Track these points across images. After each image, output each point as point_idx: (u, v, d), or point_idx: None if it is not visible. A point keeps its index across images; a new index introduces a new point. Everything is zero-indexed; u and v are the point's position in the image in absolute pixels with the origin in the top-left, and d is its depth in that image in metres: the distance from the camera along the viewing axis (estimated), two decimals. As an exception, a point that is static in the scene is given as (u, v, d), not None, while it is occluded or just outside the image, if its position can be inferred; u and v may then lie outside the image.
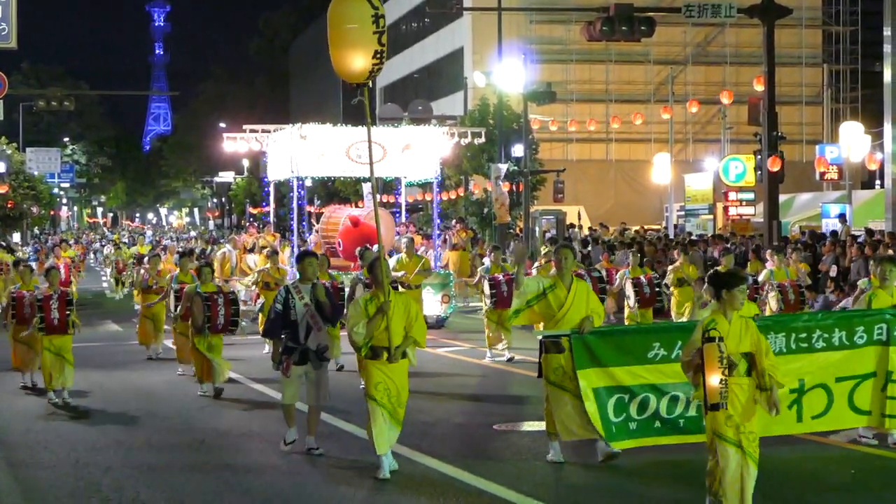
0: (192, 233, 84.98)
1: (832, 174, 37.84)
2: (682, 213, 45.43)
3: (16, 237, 71.17)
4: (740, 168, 39.53)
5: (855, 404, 10.82)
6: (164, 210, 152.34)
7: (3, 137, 68.29)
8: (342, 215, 25.70)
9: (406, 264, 19.92)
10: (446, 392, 15.48)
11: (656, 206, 51.42)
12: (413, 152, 24.77)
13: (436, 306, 23.72)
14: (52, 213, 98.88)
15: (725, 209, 40.31)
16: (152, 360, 19.71)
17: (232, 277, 24.69)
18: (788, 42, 52.04)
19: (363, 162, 23.97)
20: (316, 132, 24.40)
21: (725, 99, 42.83)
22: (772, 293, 18.08)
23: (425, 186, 37.18)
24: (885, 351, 10.86)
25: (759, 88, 30.98)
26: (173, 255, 25.88)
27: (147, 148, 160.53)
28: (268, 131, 26.10)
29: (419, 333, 10.58)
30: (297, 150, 24.09)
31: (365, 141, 23.82)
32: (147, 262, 21.26)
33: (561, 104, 49.48)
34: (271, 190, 29.40)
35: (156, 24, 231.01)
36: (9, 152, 67.03)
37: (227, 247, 28.49)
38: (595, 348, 10.50)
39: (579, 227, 42.96)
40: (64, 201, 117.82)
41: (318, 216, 33.41)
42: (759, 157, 27.29)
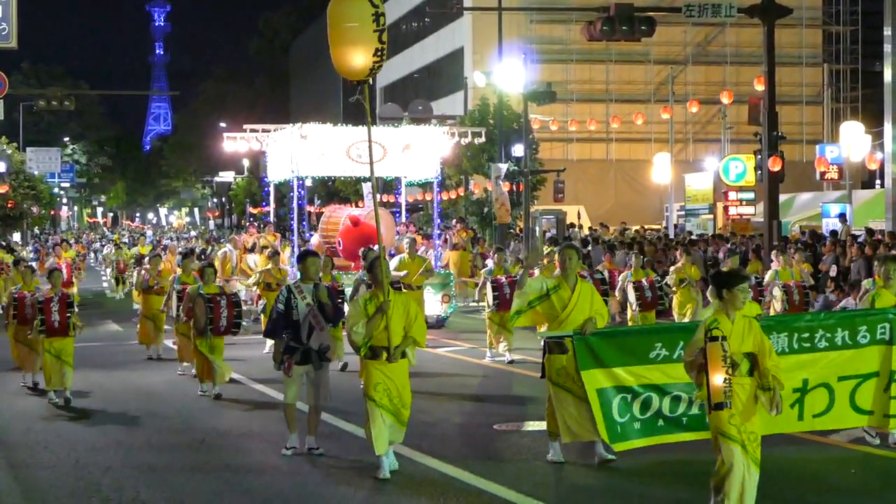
0: (193, 232, 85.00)
1: (832, 174, 37.84)
2: (683, 213, 45.44)
3: (16, 237, 71.23)
4: (740, 168, 39.54)
5: (857, 404, 10.80)
6: (164, 210, 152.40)
7: (4, 137, 68.34)
8: (342, 215, 25.68)
9: (408, 265, 19.94)
10: (446, 392, 15.47)
11: (656, 206, 51.43)
12: (413, 152, 24.76)
13: (436, 306, 23.71)
14: (53, 213, 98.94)
15: (726, 209, 40.32)
16: (152, 360, 19.71)
17: (232, 277, 24.69)
18: (789, 42, 52.06)
19: (363, 162, 23.95)
20: (316, 132, 24.38)
21: (725, 99, 42.83)
22: (777, 293, 18.06)
23: (425, 186, 37.17)
24: (889, 350, 10.83)
25: (760, 88, 30.98)
26: (175, 256, 25.85)
27: (147, 148, 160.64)
28: (268, 131, 26.08)
29: (419, 333, 10.57)
30: (298, 150, 24.07)
31: (365, 141, 23.82)
32: (148, 263, 21.23)
33: (561, 104, 49.49)
34: (271, 190, 29.38)
35: (156, 24, 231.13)
36: (9, 152, 67.06)
37: (228, 246, 28.49)
38: (597, 349, 10.48)
39: (579, 227, 42.96)
40: (64, 201, 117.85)
41: (319, 216, 33.43)
42: (760, 157, 27.28)
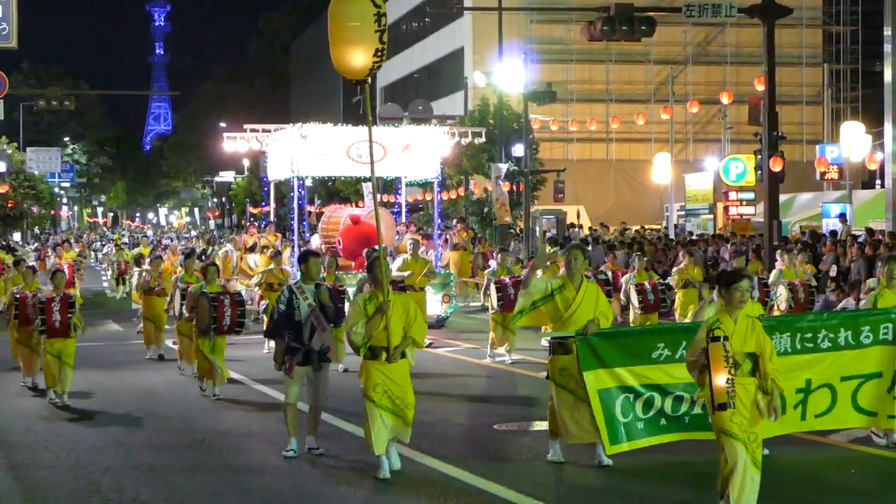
0: (193, 232, 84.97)
1: (832, 174, 37.84)
2: (683, 213, 45.44)
3: (16, 237, 71.24)
4: (741, 168, 39.54)
5: (858, 404, 10.78)
6: (165, 210, 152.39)
7: (4, 137, 68.37)
8: (342, 215, 25.68)
9: (412, 266, 19.98)
10: (447, 392, 15.47)
11: (656, 206, 51.44)
12: (413, 152, 24.75)
13: (436, 306, 23.71)
14: (53, 213, 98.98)
15: (726, 209, 40.32)
16: (152, 361, 19.68)
17: (232, 277, 24.70)
18: (789, 42, 52.07)
19: (363, 161, 23.96)
20: (316, 132, 24.37)
21: (725, 99, 42.83)
22: (782, 291, 18.04)
23: (426, 186, 37.19)
24: (892, 351, 10.81)
25: (760, 88, 30.95)
26: (177, 256, 25.81)
27: (147, 148, 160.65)
28: (268, 131, 26.07)
29: (418, 333, 10.56)
30: (298, 150, 24.07)
31: (365, 140, 23.83)
32: (149, 264, 21.21)
33: (561, 104, 49.49)
34: (271, 190, 29.38)
35: (156, 24, 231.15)
36: (9, 152, 67.08)
37: (228, 246, 28.48)
38: (600, 349, 10.45)
39: (579, 227, 42.96)
40: (64, 201, 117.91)
41: (319, 216, 33.41)
42: (760, 157, 27.27)
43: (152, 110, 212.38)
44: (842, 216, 32.87)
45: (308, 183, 29.22)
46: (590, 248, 31.45)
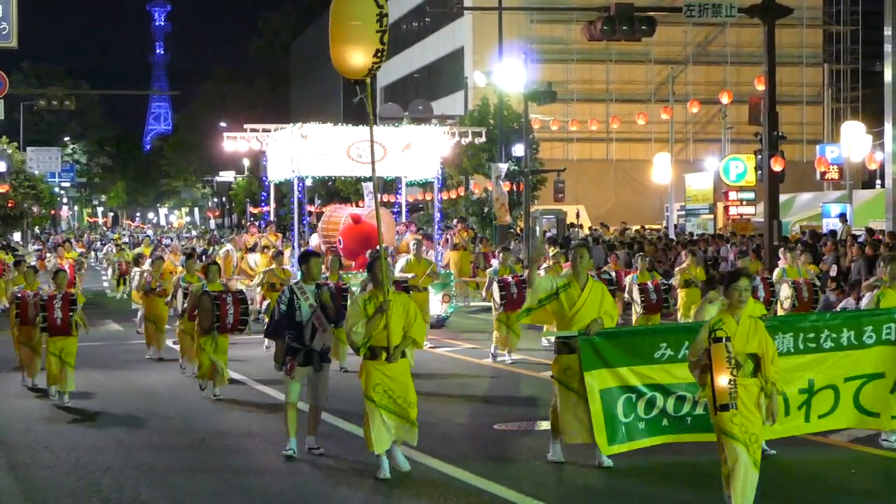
0: (193, 232, 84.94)
1: (833, 174, 37.82)
2: (683, 213, 45.46)
3: (16, 236, 71.22)
4: (741, 168, 39.55)
5: (861, 404, 10.77)
6: (165, 210, 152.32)
7: (4, 137, 68.33)
8: (343, 215, 25.67)
9: (415, 266, 20.00)
10: (447, 392, 15.46)
11: (657, 206, 51.46)
12: (414, 152, 24.75)
13: (436, 306, 23.69)
14: (53, 213, 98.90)
15: (726, 209, 40.34)
16: (153, 361, 19.66)
17: (233, 277, 24.69)
18: (789, 42, 52.07)
19: (364, 161, 23.96)
20: (316, 132, 24.37)
21: (726, 98, 42.83)
22: (786, 289, 18.00)
23: (426, 186, 37.17)
24: (894, 351, 10.82)
25: (760, 88, 30.95)
26: (178, 256, 25.78)
27: (147, 147, 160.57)
28: (268, 131, 26.07)
29: (418, 334, 10.54)
30: (298, 150, 24.07)
31: (365, 140, 23.83)
32: (150, 265, 21.20)
33: (561, 104, 49.49)
34: (271, 190, 29.37)
35: (156, 24, 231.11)
36: (9, 151, 67.03)
37: (228, 246, 28.47)
38: (602, 349, 10.45)
39: (579, 227, 42.97)
40: (64, 201, 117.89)
41: (319, 216, 33.39)
42: (760, 157, 27.26)
43: (152, 110, 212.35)
44: (842, 216, 32.86)
45: (308, 183, 29.22)
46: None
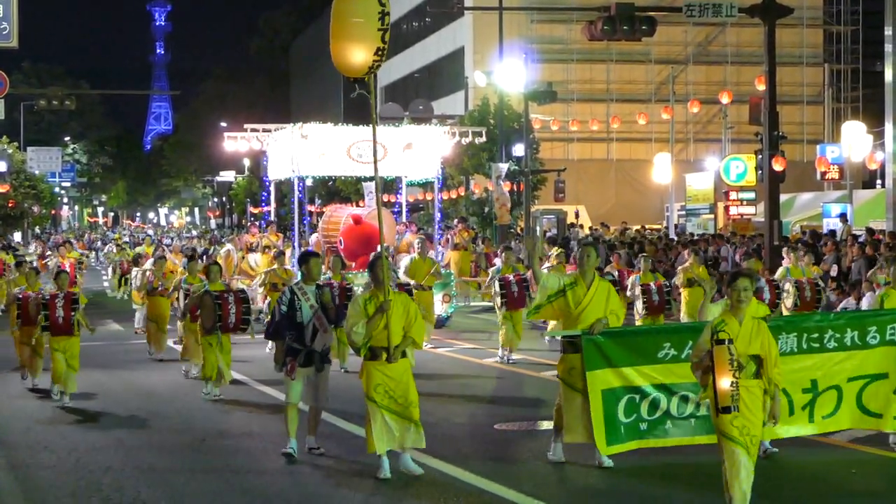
0: (194, 232, 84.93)
1: (833, 174, 37.82)
2: (683, 213, 45.45)
3: (17, 236, 71.21)
4: (741, 168, 39.56)
5: (864, 405, 10.74)
6: (165, 209, 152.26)
7: (4, 137, 68.35)
8: (343, 214, 25.68)
9: (419, 264, 20.03)
10: (447, 392, 15.46)
11: (657, 206, 51.45)
12: (414, 152, 24.76)
13: (437, 306, 23.66)
14: (53, 213, 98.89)
15: (726, 209, 40.33)
16: (153, 361, 19.64)
17: (233, 276, 24.69)
18: (789, 41, 52.05)
19: (364, 161, 23.97)
20: (317, 131, 24.38)
21: (726, 98, 42.83)
22: (788, 289, 17.98)
23: (426, 186, 37.15)
24: None
25: (761, 88, 30.96)
26: (181, 258, 25.73)
27: (148, 147, 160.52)
28: (268, 130, 26.07)
29: (418, 334, 10.53)
30: (298, 150, 24.07)
31: (365, 140, 23.85)
32: (153, 265, 21.19)
33: (562, 104, 49.50)
34: (272, 189, 29.36)
35: (157, 24, 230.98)
36: (10, 151, 67.06)
37: (229, 246, 28.45)
38: (605, 349, 10.43)
39: (579, 227, 42.96)
40: (65, 201, 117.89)
41: (319, 216, 33.40)
42: (761, 157, 27.26)
43: (153, 110, 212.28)
44: (842, 216, 32.85)
45: (308, 182, 29.19)
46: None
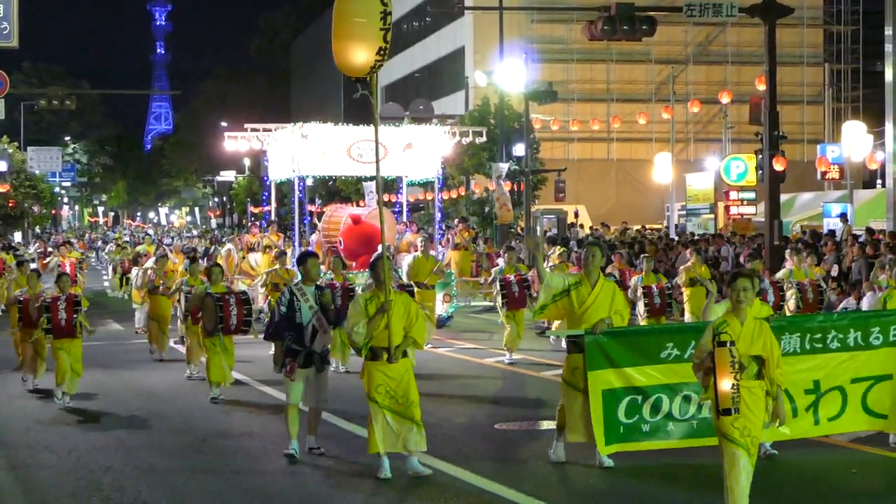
0: (194, 231, 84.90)
1: (833, 174, 37.81)
2: (684, 213, 45.43)
3: (17, 236, 71.18)
4: (742, 167, 39.55)
5: (868, 406, 10.73)
6: (165, 209, 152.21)
7: (5, 136, 68.33)
8: (343, 214, 25.67)
9: (422, 263, 20.04)
10: (448, 392, 15.45)
11: (657, 206, 51.43)
12: (414, 151, 24.75)
13: (437, 306, 23.67)
14: (54, 213, 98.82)
15: (727, 208, 40.32)
16: (153, 361, 19.64)
17: (234, 276, 24.68)
18: (790, 41, 52.04)
19: (364, 161, 23.98)
20: (317, 131, 24.37)
21: (726, 98, 42.81)
22: (790, 292, 17.94)
23: (427, 186, 37.13)
24: None
25: (761, 88, 30.96)
26: (182, 258, 25.73)
27: (148, 147, 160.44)
28: (269, 130, 26.06)
29: (419, 334, 10.51)
30: (299, 150, 24.07)
31: (365, 140, 23.86)
32: (155, 263, 21.19)
33: (562, 103, 49.50)
34: (272, 189, 29.35)
35: (157, 24, 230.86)
36: (10, 151, 67.03)
37: (229, 245, 28.44)
38: (608, 349, 10.42)
39: (580, 227, 42.96)
40: (65, 200, 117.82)
41: (320, 215, 33.38)
42: (761, 157, 27.25)
43: (153, 109, 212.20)
44: (843, 216, 32.84)
45: (309, 182, 29.17)
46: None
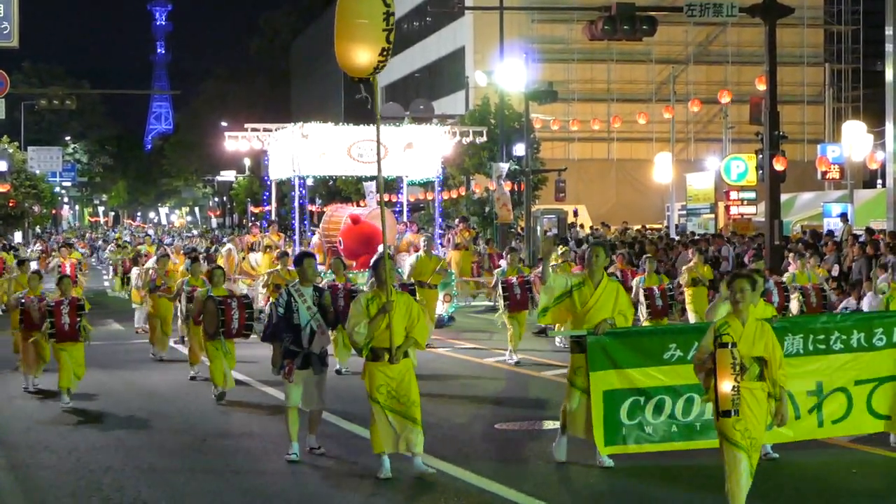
0: (195, 231, 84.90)
1: (834, 173, 37.79)
2: (684, 213, 45.44)
3: (17, 236, 71.19)
4: (742, 167, 39.54)
5: (873, 408, 10.71)
6: (166, 209, 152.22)
7: (5, 136, 68.35)
8: (343, 214, 25.68)
9: (426, 262, 20.06)
10: (448, 392, 15.45)
11: (658, 206, 51.43)
12: (415, 151, 24.78)
13: (438, 306, 23.66)
14: (54, 212, 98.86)
15: (727, 208, 40.31)
16: (154, 361, 19.63)
17: (234, 276, 24.67)
18: (790, 41, 52.03)
19: (364, 161, 24.01)
20: (317, 131, 24.40)
21: (727, 98, 42.80)
22: (794, 296, 17.87)
23: (427, 185, 37.14)
24: None
25: (761, 87, 30.95)
26: (182, 259, 25.74)
27: (148, 147, 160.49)
28: (269, 130, 26.10)
29: (420, 334, 10.50)
30: (299, 149, 24.09)
31: (366, 140, 23.89)
32: (156, 263, 21.17)
33: (562, 103, 49.48)
34: (272, 189, 29.37)
35: (157, 23, 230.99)
36: (10, 151, 67.07)
37: (230, 245, 28.44)
38: (611, 349, 10.41)
39: (580, 227, 42.95)
40: (65, 200, 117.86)
41: (320, 215, 33.41)
42: (761, 157, 27.25)
43: (153, 109, 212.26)
44: (843, 216, 32.83)
45: (309, 182, 29.18)
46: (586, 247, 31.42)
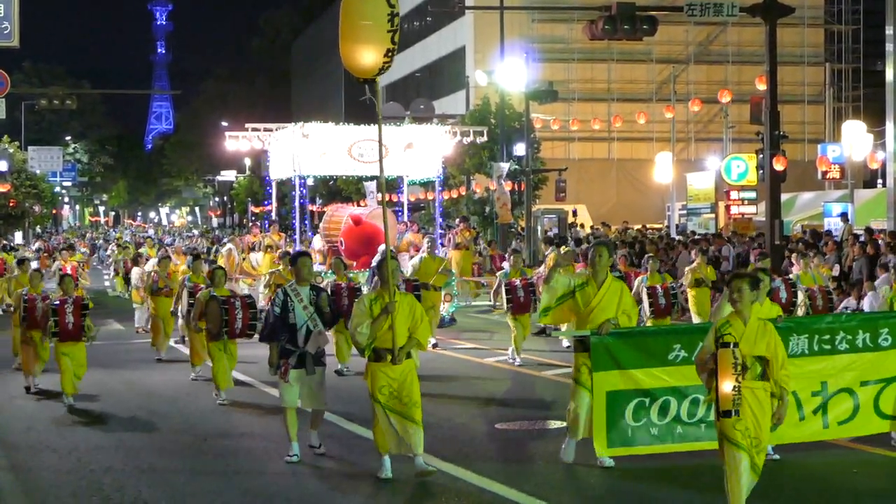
0: (195, 231, 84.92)
1: (834, 173, 37.78)
2: (684, 213, 45.42)
3: (18, 236, 71.19)
4: (742, 167, 39.52)
5: (881, 409, 10.70)
6: (166, 209, 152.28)
7: (6, 136, 68.33)
8: (344, 214, 25.69)
9: (428, 263, 20.08)
10: (449, 392, 15.45)
11: (658, 206, 51.42)
12: (415, 151, 24.78)
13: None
14: (54, 212, 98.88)
15: (727, 208, 40.29)
16: (154, 361, 19.63)
17: (235, 275, 24.68)
18: (791, 41, 52.04)
19: (365, 161, 24.00)
20: (318, 131, 24.39)
21: (727, 98, 42.80)
22: (799, 297, 17.78)
23: (427, 185, 37.13)
24: None
25: (761, 87, 30.96)
26: (185, 259, 25.72)
27: (149, 147, 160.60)
28: (270, 130, 26.09)
29: (423, 335, 10.50)
30: (299, 149, 24.09)
31: (366, 140, 23.89)
32: (157, 264, 21.17)
33: (563, 103, 49.50)
34: (273, 189, 29.37)
35: (158, 23, 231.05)
36: (11, 151, 67.03)
37: (230, 245, 28.45)
38: (614, 350, 10.38)
39: (580, 226, 42.94)
40: (66, 200, 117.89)
41: (321, 215, 33.41)
42: (762, 156, 27.24)
43: (154, 109, 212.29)
44: (843, 215, 32.82)
45: (310, 182, 29.17)
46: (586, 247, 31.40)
